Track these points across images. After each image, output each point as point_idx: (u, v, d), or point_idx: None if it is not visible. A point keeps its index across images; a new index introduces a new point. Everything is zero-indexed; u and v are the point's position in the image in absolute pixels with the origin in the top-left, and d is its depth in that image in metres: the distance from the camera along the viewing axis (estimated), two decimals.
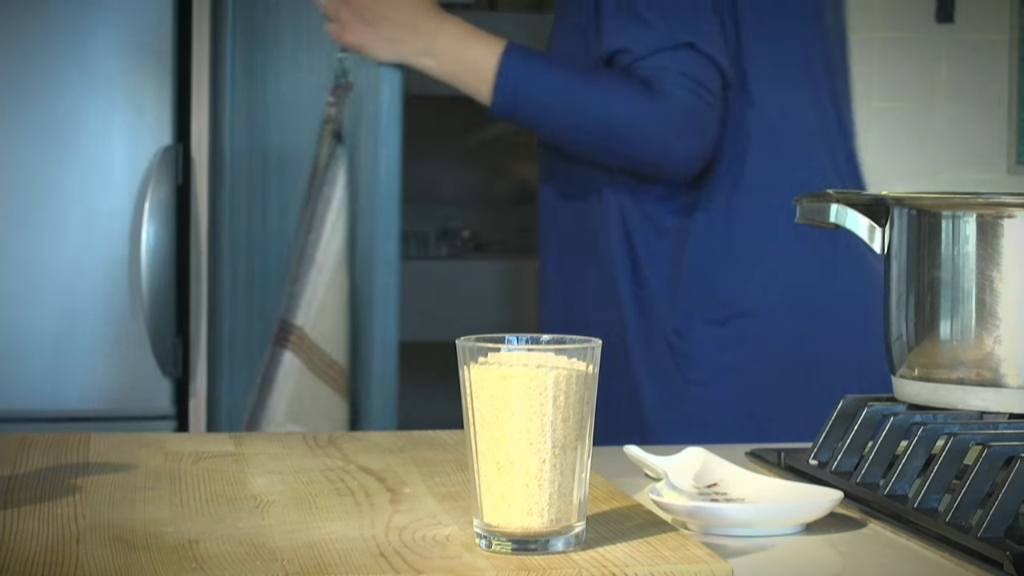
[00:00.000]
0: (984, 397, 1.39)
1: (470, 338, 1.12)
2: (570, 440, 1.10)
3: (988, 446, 1.23)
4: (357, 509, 1.24)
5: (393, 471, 1.39)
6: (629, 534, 1.15)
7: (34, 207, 2.99)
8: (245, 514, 1.22)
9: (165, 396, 3.05)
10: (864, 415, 1.40)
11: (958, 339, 1.40)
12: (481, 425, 1.11)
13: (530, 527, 1.10)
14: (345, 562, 1.08)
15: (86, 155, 3.00)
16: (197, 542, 1.12)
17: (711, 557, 1.09)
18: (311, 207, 2.22)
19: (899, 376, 1.45)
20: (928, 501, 1.25)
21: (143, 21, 3.01)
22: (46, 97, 2.98)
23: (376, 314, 2.17)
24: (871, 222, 1.48)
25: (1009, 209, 1.38)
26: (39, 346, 2.99)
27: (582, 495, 1.12)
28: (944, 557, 1.18)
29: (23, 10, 2.97)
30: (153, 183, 3.00)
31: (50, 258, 2.99)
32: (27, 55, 2.97)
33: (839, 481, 1.36)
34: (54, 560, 1.07)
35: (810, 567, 1.18)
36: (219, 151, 3.05)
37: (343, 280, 2.17)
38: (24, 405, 2.99)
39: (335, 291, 2.16)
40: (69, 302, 3.00)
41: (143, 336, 3.01)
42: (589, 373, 1.11)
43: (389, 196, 2.18)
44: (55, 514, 1.20)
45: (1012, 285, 1.38)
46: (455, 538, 1.14)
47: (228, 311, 3.13)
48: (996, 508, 1.16)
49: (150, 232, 3.01)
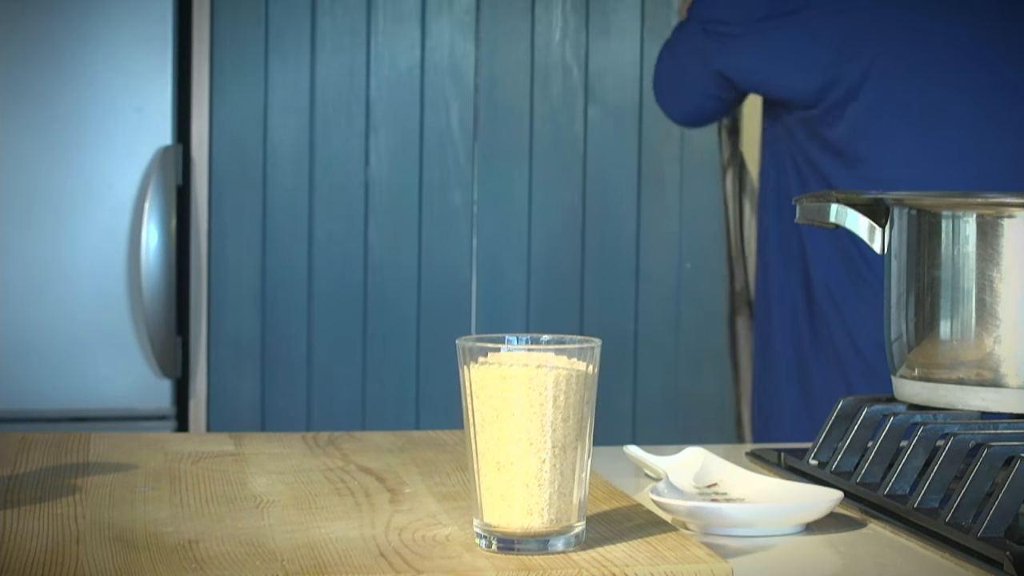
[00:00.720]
0: (984, 397, 1.39)
1: (470, 338, 1.12)
2: (570, 440, 1.10)
3: (988, 446, 1.23)
4: (357, 509, 1.24)
5: (393, 471, 1.38)
6: (629, 534, 1.15)
7: (34, 207, 2.99)
8: (245, 514, 1.22)
9: (165, 396, 3.05)
10: (864, 415, 1.40)
11: (958, 339, 1.40)
12: (481, 425, 1.11)
13: (530, 527, 1.10)
14: (345, 562, 1.08)
15: (86, 155, 3.00)
16: (197, 542, 1.12)
17: (711, 557, 1.09)
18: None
19: (899, 376, 1.45)
20: (928, 501, 1.25)
21: (143, 21, 3.01)
22: (46, 97, 2.98)
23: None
24: (871, 222, 1.48)
25: (1009, 209, 1.38)
26: (39, 346, 2.99)
27: (582, 495, 1.12)
28: (944, 557, 1.18)
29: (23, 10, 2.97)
30: (153, 183, 3.00)
31: (50, 258, 2.99)
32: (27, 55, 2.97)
33: (839, 481, 1.36)
34: (54, 560, 1.07)
35: (810, 567, 1.18)
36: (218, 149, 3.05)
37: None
38: (24, 405, 2.99)
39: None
40: (69, 302, 3.00)
41: (143, 336, 3.01)
42: (589, 373, 1.11)
43: None
44: (55, 514, 1.20)
45: (1012, 285, 1.37)
46: (455, 538, 1.14)
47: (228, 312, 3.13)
48: (996, 508, 1.16)
49: (150, 232, 3.01)
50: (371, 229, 3.20)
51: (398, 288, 3.21)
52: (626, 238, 3.25)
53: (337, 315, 3.21)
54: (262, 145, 3.18)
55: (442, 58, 3.21)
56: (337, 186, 3.19)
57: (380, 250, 3.20)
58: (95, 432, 1.66)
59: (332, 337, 3.21)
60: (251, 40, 3.16)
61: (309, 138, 3.18)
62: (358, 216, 3.20)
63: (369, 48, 3.19)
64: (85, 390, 3.01)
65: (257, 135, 3.18)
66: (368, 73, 3.19)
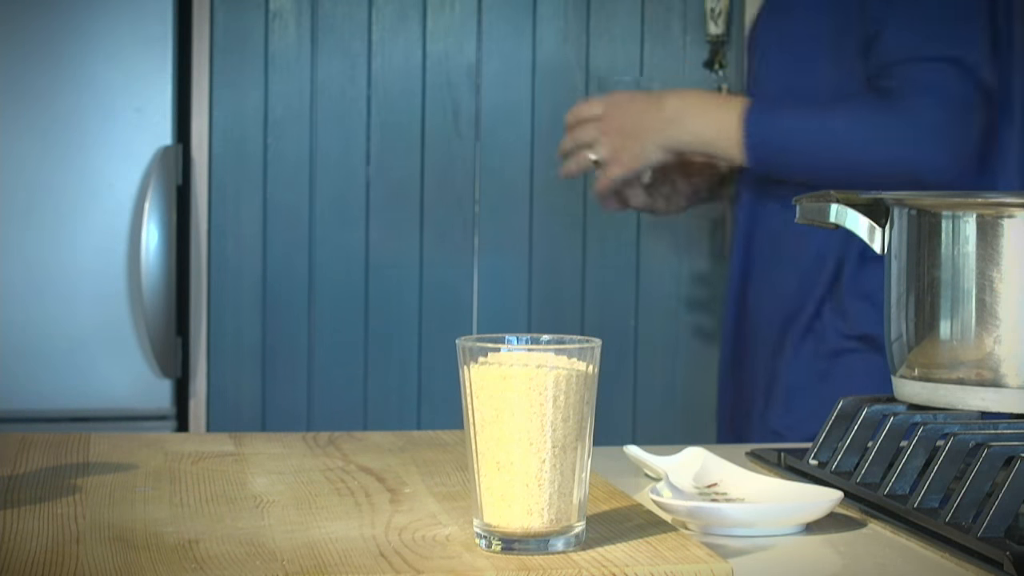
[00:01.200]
0: (984, 397, 1.39)
1: (470, 338, 1.12)
2: (570, 440, 1.10)
3: (988, 446, 1.23)
4: (357, 509, 1.24)
5: (393, 471, 1.38)
6: (629, 534, 1.15)
7: (34, 207, 2.99)
8: (245, 514, 1.22)
9: (165, 396, 3.05)
10: (864, 415, 1.40)
11: (958, 339, 1.40)
12: (481, 425, 1.11)
13: (530, 527, 1.10)
14: (345, 562, 1.07)
15: (86, 155, 3.00)
16: (197, 542, 1.12)
17: (711, 557, 1.09)
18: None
19: (899, 376, 1.45)
20: (928, 501, 1.25)
21: (143, 21, 3.01)
22: (46, 97, 2.98)
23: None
24: (871, 222, 1.48)
25: (1009, 209, 1.38)
26: (39, 346, 2.99)
27: (582, 495, 1.12)
28: (944, 557, 1.18)
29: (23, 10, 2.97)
30: (153, 183, 3.00)
31: (50, 258, 2.99)
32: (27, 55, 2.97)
33: (839, 481, 1.36)
34: (54, 560, 1.07)
35: (810, 567, 1.18)
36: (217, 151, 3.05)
37: None
38: (24, 405, 2.99)
39: None
40: (69, 302, 3.00)
41: (143, 336, 3.01)
42: (589, 373, 1.11)
43: None
44: (55, 514, 1.20)
45: (1012, 285, 1.37)
46: (455, 538, 1.14)
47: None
48: (996, 508, 1.16)
49: (150, 232, 3.01)
50: (372, 229, 3.20)
51: (399, 288, 3.21)
52: (627, 238, 3.25)
53: (338, 315, 3.20)
54: (262, 145, 3.18)
55: (443, 58, 3.21)
56: (338, 186, 3.19)
57: (381, 250, 3.20)
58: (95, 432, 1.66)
59: (333, 337, 3.21)
60: (251, 40, 3.16)
61: (309, 138, 3.18)
62: (359, 216, 3.20)
63: (370, 47, 3.19)
64: (85, 390, 3.01)
65: (257, 135, 3.18)
66: (369, 72, 3.19)
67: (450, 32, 3.22)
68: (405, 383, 3.23)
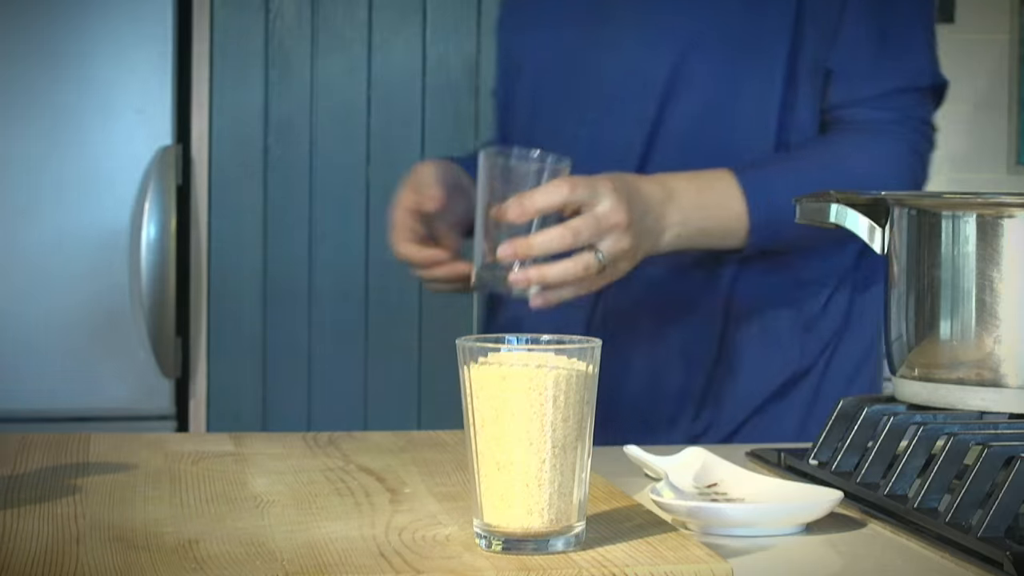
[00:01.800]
0: (984, 397, 1.39)
1: (470, 338, 1.12)
2: (570, 440, 1.10)
3: (988, 446, 1.23)
4: (357, 509, 1.24)
5: (393, 471, 1.38)
6: (629, 534, 1.15)
7: (34, 207, 2.99)
8: (245, 514, 1.22)
9: (165, 396, 3.05)
10: (864, 415, 1.40)
11: (958, 339, 1.40)
12: (481, 425, 1.11)
13: (530, 527, 1.10)
14: (345, 562, 1.07)
15: (86, 155, 3.00)
16: (197, 542, 1.12)
17: (711, 557, 1.09)
18: None
19: (899, 376, 1.45)
20: (928, 501, 1.25)
21: (143, 21, 3.01)
22: (47, 97, 2.98)
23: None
24: (871, 222, 1.48)
25: (1009, 209, 1.38)
26: (39, 346, 2.99)
27: (582, 495, 1.12)
28: (944, 557, 1.18)
29: (23, 10, 2.97)
30: (153, 183, 3.00)
31: (50, 258, 2.99)
32: (27, 55, 2.97)
33: (839, 481, 1.36)
34: (54, 560, 1.07)
35: (810, 567, 1.18)
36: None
37: None
38: (24, 405, 2.99)
39: None
40: (69, 302, 3.00)
41: (143, 336, 3.01)
42: (589, 373, 1.11)
43: None
44: (55, 514, 1.20)
45: (1012, 285, 1.37)
46: (455, 538, 1.14)
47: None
48: (996, 508, 1.16)
49: (150, 232, 3.01)
50: (372, 228, 3.20)
51: (399, 288, 3.21)
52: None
53: (338, 315, 3.21)
54: (262, 145, 3.18)
55: (443, 57, 3.21)
56: (338, 185, 3.19)
57: (381, 249, 3.20)
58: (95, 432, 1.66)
59: (333, 337, 3.21)
60: (251, 40, 3.16)
61: (309, 138, 3.18)
62: (359, 215, 3.20)
63: (370, 47, 3.19)
64: (85, 390, 3.02)
65: (257, 135, 3.18)
66: (369, 72, 3.19)
67: (450, 32, 3.22)
68: (405, 383, 3.23)
